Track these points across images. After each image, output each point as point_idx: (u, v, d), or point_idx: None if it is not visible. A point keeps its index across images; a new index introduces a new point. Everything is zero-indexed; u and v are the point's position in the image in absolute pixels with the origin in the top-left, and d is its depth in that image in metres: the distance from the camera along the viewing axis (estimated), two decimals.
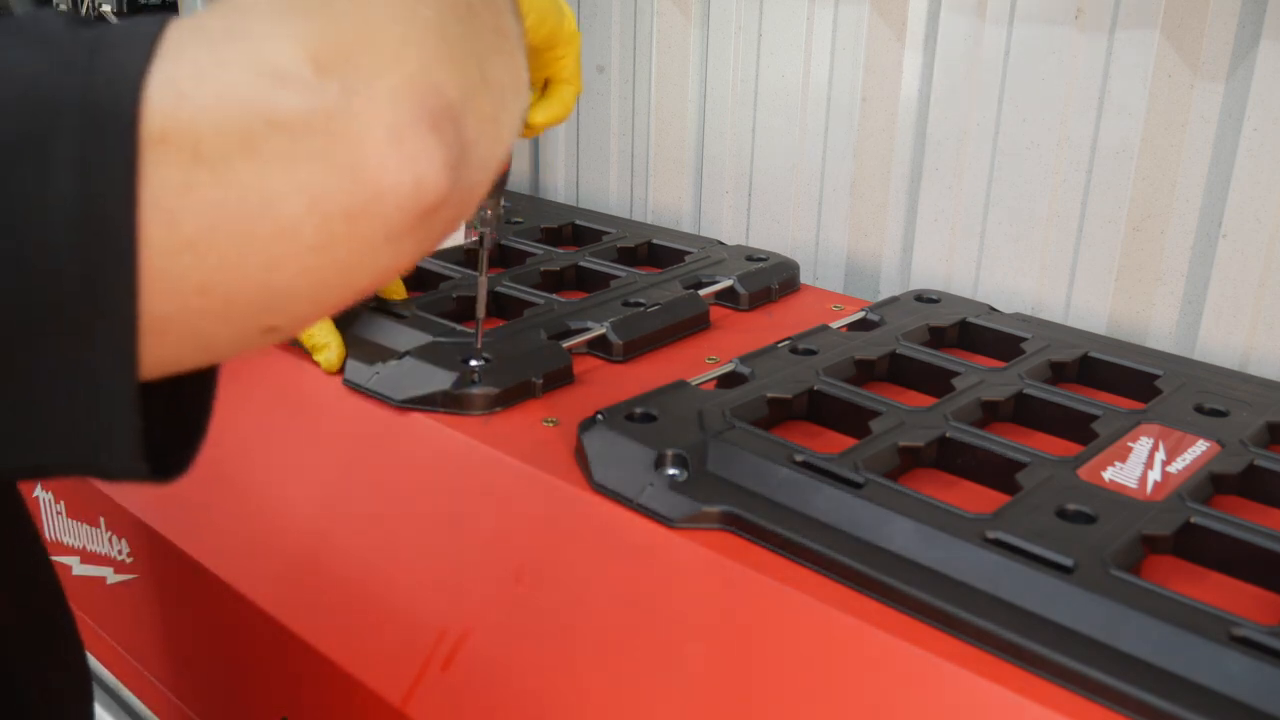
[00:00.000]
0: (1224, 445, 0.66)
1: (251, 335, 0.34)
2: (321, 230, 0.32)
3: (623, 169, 1.33)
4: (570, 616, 0.62)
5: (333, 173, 0.32)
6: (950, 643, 0.51)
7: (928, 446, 0.67)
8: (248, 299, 0.32)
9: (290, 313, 0.34)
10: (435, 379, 0.75)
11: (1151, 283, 0.93)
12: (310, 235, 0.32)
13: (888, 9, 1.05)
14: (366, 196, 0.32)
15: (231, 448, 0.82)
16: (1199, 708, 0.45)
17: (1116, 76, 0.91)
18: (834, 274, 1.15)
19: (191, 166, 0.30)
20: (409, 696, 0.64)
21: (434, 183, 0.33)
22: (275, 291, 0.33)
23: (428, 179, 0.33)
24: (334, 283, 0.34)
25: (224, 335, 0.33)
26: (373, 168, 0.32)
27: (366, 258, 0.34)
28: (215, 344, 0.34)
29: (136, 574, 0.88)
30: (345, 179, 0.32)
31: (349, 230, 0.32)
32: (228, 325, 0.33)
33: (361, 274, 0.34)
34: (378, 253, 0.34)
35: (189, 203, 0.30)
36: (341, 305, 0.35)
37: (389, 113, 0.32)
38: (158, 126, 0.30)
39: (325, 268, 0.33)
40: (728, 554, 0.58)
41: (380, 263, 0.34)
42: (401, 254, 0.35)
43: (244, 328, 0.33)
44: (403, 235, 0.34)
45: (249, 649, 0.77)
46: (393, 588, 0.69)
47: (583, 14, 1.32)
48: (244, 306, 0.33)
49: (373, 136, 0.32)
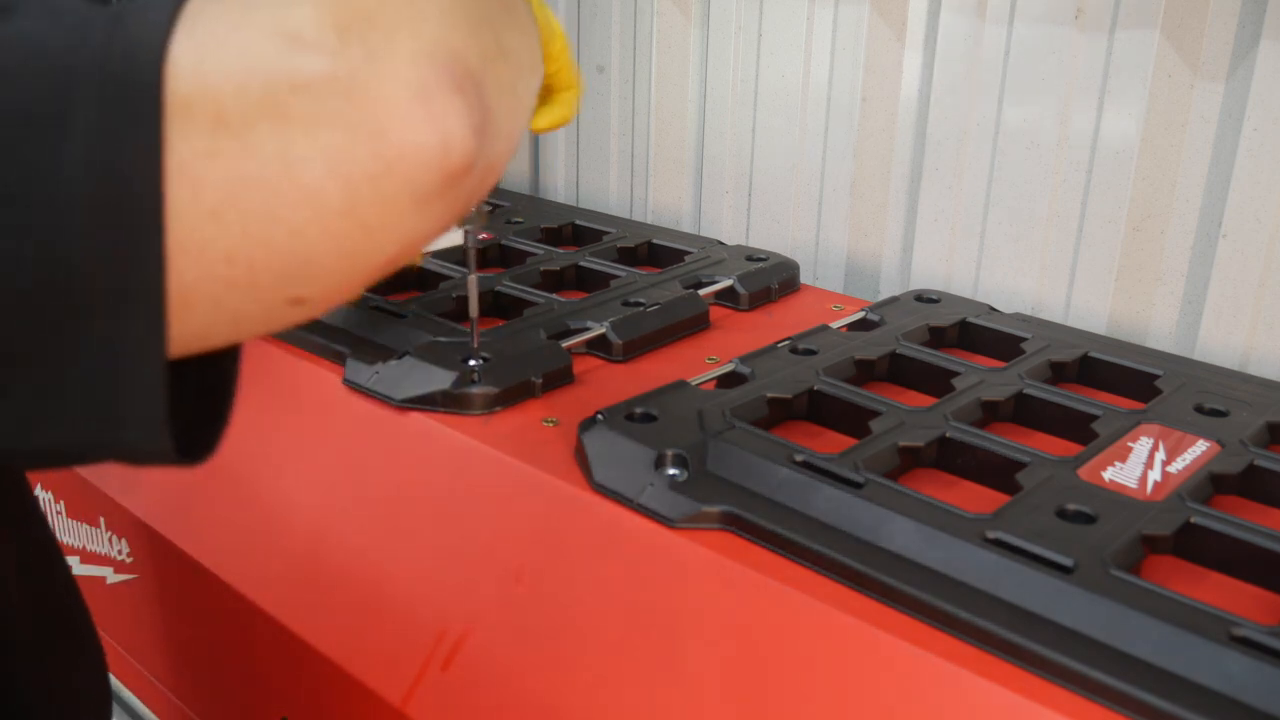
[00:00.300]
0: (1224, 445, 0.66)
1: (279, 307, 0.33)
2: (347, 194, 0.32)
3: (623, 169, 1.33)
4: (570, 616, 0.62)
5: (358, 135, 0.31)
6: (950, 643, 0.51)
7: (928, 446, 0.67)
8: (274, 267, 0.32)
9: (318, 282, 0.33)
10: (435, 379, 0.75)
11: (1151, 283, 0.93)
12: (336, 200, 0.31)
13: (888, 9, 1.05)
14: (392, 158, 0.32)
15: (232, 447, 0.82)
16: (1199, 708, 0.45)
17: (1116, 76, 0.91)
18: (834, 274, 1.15)
19: (215, 134, 0.30)
20: (409, 696, 0.64)
21: (461, 143, 0.33)
22: (302, 259, 0.32)
23: (454, 139, 0.32)
24: (362, 249, 0.33)
25: (251, 307, 0.33)
26: (398, 129, 0.32)
27: (394, 222, 0.33)
28: (243, 317, 0.33)
29: (136, 574, 0.88)
30: (371, 141, 0.31)
31: (375, 194, 0.32)
32: (255, 296, 0.32)
33: (390, 240, 0.34)
34: (405, 217, 0.33)
35: (213, 170, 0.30)
36: (371, 274, 0.35)
37: (413, 74, 0.32)
38: (180, 94, 0.29)
39: (352, 233, 0.32)
40: (728, 554, 0.58)
41: (408, 228, 0.34)
42: (429, 219, 0.34)
43: (271, 299, 0.33)
44: (431, 199, 0.33)
45: (249, 649, 0.77)
46: (393, 588, 0.69)
47: (583, 14, 1.32)
48: (271, 275, 0.32)
49: (397, 97, 0.32)
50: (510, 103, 0.36)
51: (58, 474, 0.95)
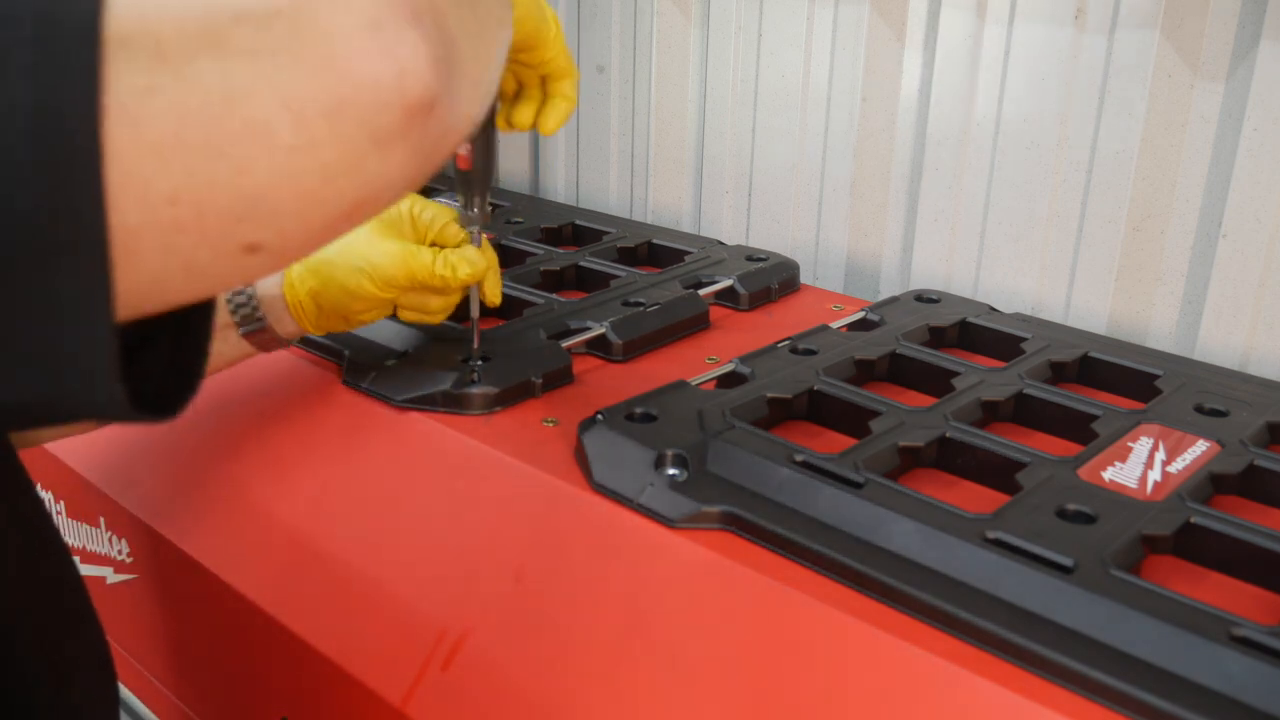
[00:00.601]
0: (1224, 445, 0.66)
1: (235, 254, 0.32)
2: (298, 129, 0.30)
3: (623, 169, 1.33)
4: (570, 616, 0.62)
5: (305, 65, 0.30)
6: (950, 643, 0.51)
7: (928, 446, 0.67)
8: (223, 207, 0.31)
9: (273, 225, 0.32)
10: (435, 379, 0.75)
11: (1151, 283, 0.93)
12: (286, 135, 0.30)
13: (888, 9, 1.05)
14: (344, 91, 0.31)
15: (232, 447, 0.82)
16: (1199, 708, 0.45)
17: (1116, 76, 0.91)
18: (834, 274, 1.15)
19: (154, 68, 0.29)
20: (409, 696, 0.64)
21: (418, 76, 0.31)
22: (251, 199, 0.31)
23: (411, 70, 0.31)
24: (318, 191, 0.32)
25: (204, 253, 0.31)
26: (349, 58, 0.30)
27: (352, 162, 0.32)
28: (196, 265, 0.32)
29: (136, 574, 0.88)
30: (320, 72, 0.30)
31: (329, 130, 0.31)
32: (205, 240, 0.31)
33: (350, 183, 0.32)
34: (364, 157, 0.32)
35: (153, 106, 0.29)
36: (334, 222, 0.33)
37: (364, 3, 0.31)
38: (117, 30, 0.28)
39: (305, 172, 0.31)
40: (728, 554, 0.58)
41: (370, 170, 0.32)
42: (392, 162, 0.33)
43: (223, 243, 0.32)
44: (391, 139, 0.32)
45: (249, 649, 0.77)
46: (393, 588, 0.69)
47: (583, 14, 1.31)
48: (220, 217, 0.31)
49: (347, 24, 0.30)
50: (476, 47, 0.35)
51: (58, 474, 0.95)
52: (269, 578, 0.75)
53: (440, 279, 0.72)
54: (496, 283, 0.77)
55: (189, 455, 0.84)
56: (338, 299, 0.73)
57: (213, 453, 0.82)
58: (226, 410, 0.84)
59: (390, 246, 0.72)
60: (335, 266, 0.72)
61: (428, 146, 0.34)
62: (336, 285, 0.72)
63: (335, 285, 0.72)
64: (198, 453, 0.83)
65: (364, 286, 0.71)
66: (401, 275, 0.71)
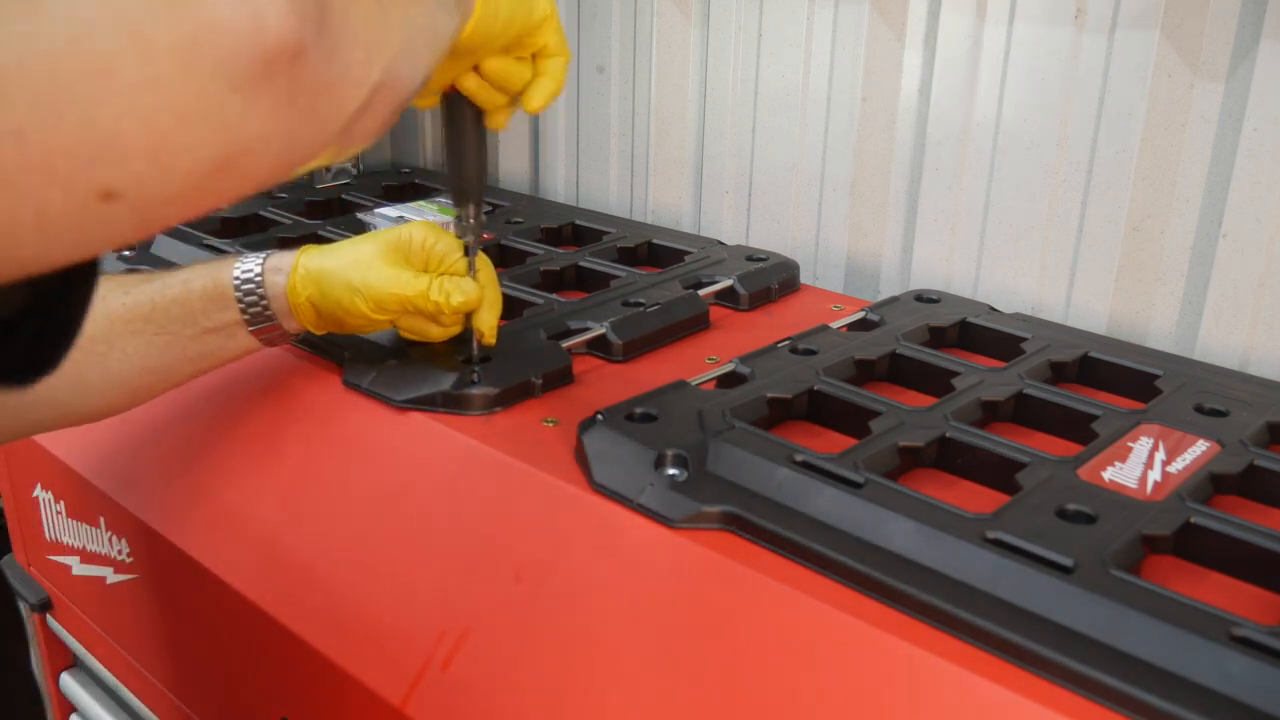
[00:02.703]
0: (1224, 445, 0.66)
1: (90, 202, 0.31)
2: (146, 68, 0.30)
3: (623, 169, 1.33)
4: (570, 616, 0.62)
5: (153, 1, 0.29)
6: (950, 643, 0.51)
7: (928, 446, 0.67)
8: (70, 147, 0.30)
9: (126, 169, 0.31)
10: (435, 379, 0.75)
11: (1151, 283, 0.93)
12: (133, 73, 0.29)
13: (888, 9, 1.05)
14: (194, 29, 0.30)
15: (232, 448, 0.82)
16: (1199, 708, 0.45)
17: (1116, 76, 0.91)
18: (834, 274, 1.15)
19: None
20: (409, 696, 0.64)
21: (277, 22, 0.31)
22: (101, 139, 0.30)
23: (268, 16, 0.31)
24: (173, 134, 0.31)
25: (56, 198, 0.30)
26: None
27: (208, 106, 0.31)
28: (49, 213, 0.31)
29: (136, 574, 0.88)
30: (168, 8, 0.30)
31: (181, 71, 0.30)
32: (54, 182, 0.30)
33: (206, 128, 0.32)
34: (223, 102, 0.31)
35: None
36: (202, 174, 0.32)
37: None
38: None
39: (157, 111, 0.30)
40: (728, 554, 0.58)
41: (229, 116, 0.32)
42: (258, 110, 0.32)
43: (75, 188, 0.30)
44: (253, 84, 0.31)
45: (249, 649, 0.77)
46: (393, 587, 0.69)
47: (582, 14, 1.31)
48: (68, 157, 0.30)
49: None
50: (372, 9, 0.35)
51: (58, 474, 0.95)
52: (269, 578, 0.75)
53: (434, 305, 0.73)
54: (492, 316, 0.77)
55: (189, 455, 0.84)
56: (333, 311, 0.74)
57: (213, 453, 0.82)
58: (227, 410, 0.84)
59: (388, 271, 0.73)
60: (334, 282, 0.73)
61: (303, 100, 0.33)
62: (332, 300, 0.73)
63: (331, 299, 0.73)
64: (198, 453, 0.83)
65: (357, 305, 0.73)
66: (393, 301, 0.73)
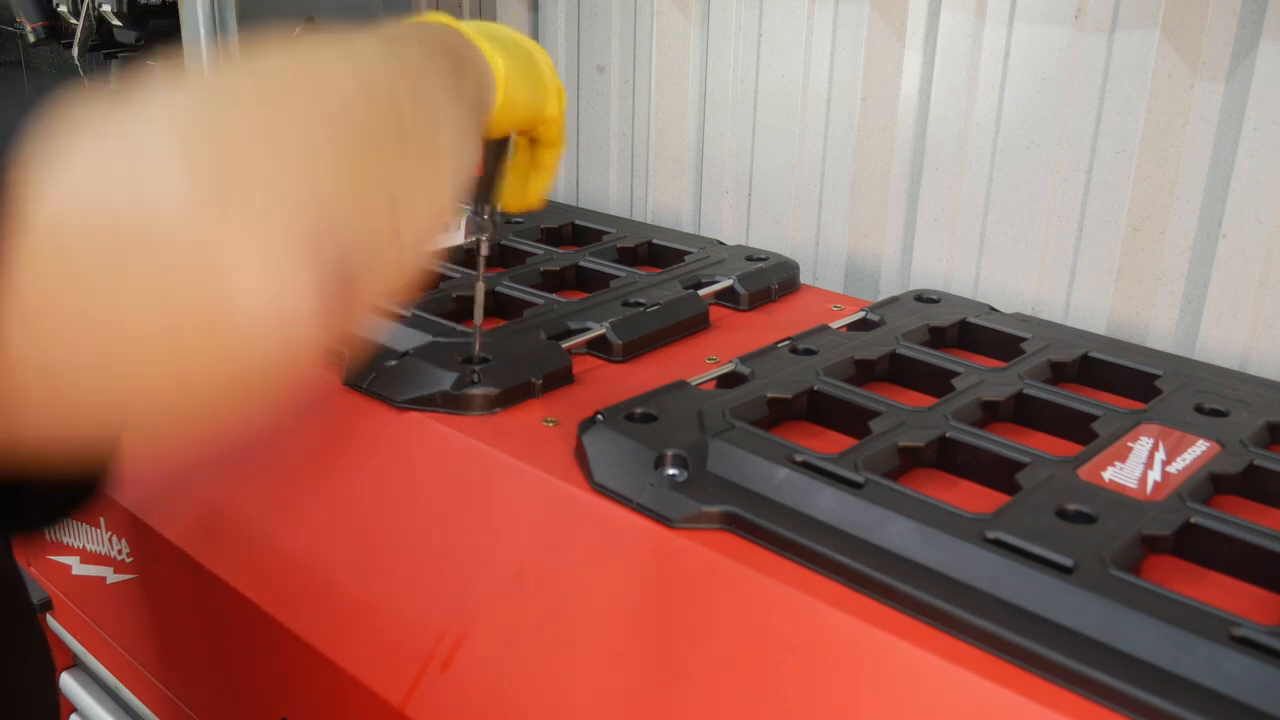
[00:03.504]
0: (1224, 445, 0.66)
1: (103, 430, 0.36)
2: (174, 344, 0.32)
3: (623, 169, 1.33)
4: (570, 616, 0.62)
5: (195, 296, 0.31)
6: (950, 643, 0.51)
7: (928, 446, 0.66)
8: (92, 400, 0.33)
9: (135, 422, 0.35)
10: (435, 379, 0.75)
11: (1151, 283, 0.93)
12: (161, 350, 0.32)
13: (888, 9, 1.05)
14: (223, 324, 0.32)
15: (232, 448, 0.82)
16: (1199, 708, 0.45)
17: (1116, 76, 0.91)
18: (834, 274, 1.15)
19: (53, 264, 0.30)
20: (409, 696, 0.64)
21: (297, 314, 0.33)
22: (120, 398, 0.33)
23: (292, 309, 0.33)
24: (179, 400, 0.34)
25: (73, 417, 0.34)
26: (237, 293, 0.32)
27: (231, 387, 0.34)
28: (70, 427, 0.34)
29: (136, 574, 0.88)
30: (207, 302, 0.32)
31: (203, 346, 0.33)
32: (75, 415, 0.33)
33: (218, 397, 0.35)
34: (233, 384, 0.34)
35: (47, 301, 0.30)
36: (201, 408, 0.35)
37: (261, 234, 0.32)
38: (31, 245, 0.30)
39: (168, 381, 0.33)
40: (728, 554, 0.58)
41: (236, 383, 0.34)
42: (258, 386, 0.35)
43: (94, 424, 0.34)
44: (266, 376, 0.34)
45: (249, 649, 0.77)
46: (393, 587, 0.69)
47: (582, 14, 1.32)
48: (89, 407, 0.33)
49: (241, 259, 0.32)
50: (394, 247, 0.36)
51: None
52: (269, 578, 0.75)
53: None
54: None
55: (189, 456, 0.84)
56: None
57: (213, 453, 0.82)
58: None
59: None
60: None
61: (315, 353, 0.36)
62: None
63: None
64: (198, 453, 0.83)
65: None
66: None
